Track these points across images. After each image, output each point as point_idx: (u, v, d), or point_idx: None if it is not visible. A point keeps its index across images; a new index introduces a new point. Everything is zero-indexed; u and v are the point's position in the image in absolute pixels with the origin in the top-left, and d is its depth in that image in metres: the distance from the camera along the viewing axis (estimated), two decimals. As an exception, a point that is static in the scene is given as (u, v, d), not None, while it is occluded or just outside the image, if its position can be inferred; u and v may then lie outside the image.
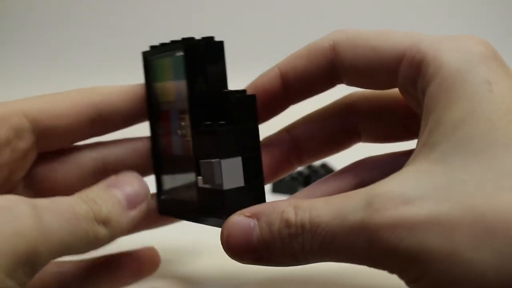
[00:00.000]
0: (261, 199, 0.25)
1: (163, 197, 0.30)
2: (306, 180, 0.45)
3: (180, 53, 0.25)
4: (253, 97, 0.25)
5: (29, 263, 0.19)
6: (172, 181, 0.29)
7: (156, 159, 0.30)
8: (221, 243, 0.23)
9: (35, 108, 0.26)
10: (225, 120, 0.25)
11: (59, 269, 0.28)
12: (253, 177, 0.25)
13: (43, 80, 0.59)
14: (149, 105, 0.28)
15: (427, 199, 0.19)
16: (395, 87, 0.25)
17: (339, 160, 0.32)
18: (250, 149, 0.25)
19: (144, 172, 0.29)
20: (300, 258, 0.22)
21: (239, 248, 0.23)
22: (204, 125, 0.25)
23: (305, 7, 0.69)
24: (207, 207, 0.26)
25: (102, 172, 0.29)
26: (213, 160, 0.24)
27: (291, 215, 0.21)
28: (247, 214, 0.23)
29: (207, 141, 0.25)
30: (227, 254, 0.23)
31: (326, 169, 0.47)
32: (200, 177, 0.25)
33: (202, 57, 0.25)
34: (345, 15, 0.68)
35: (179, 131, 0.27)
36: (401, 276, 0.20)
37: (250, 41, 0.65)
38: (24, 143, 0.26)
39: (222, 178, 0.24)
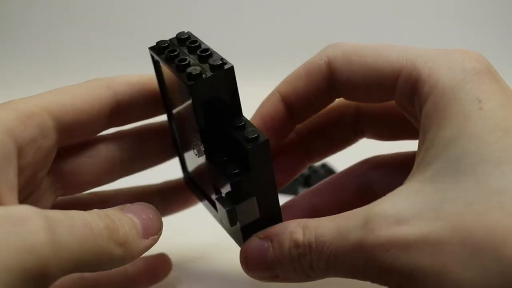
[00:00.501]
0: (278, 221, 0.26)
1: (185, 174, 0.30)
2: (306, 180, 0.45)
3: (187, 89, 0.23)
4: (266, 142, 0.23)
5: (37, 279, 0.18)
6: (192, 166, 0.29)
7: (176, 144, 0.29)
8: (240, 264, 0.25)
9: (57, 105, 0.25)
10: (239, 160, 0.24)
11: (80, 273, 0.28)
12: (269, 208, 0.26)
13: (43, 79, 0.59)
14: (164, 101, 0.27)
15: (419, 219, 0.20)
16: (393, 100, 0.25)
17: (339, 160, 0.32)
18: (265, 189, 0.25)
19: (165, 152, 0.30)
20: (311, 275, 0.23)
21: (256, 268, 0.24)
22: (218, 162, 0.24)
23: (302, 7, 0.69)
24: (224, 223, 0.26)
25: (127, 161, 0.29)
26: (227, 209, 0.24)
27: (299, 236, 0.23)
28: (261, 236, 0.25)
29: (222, 181, 0.24)
30: (247, 274, 0.25)
31: (326, 169, 0.47)
32: (214, 197, 0.26)
33: (210, 92, 0.23)
34: (341, 16, 0.68)
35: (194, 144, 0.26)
36: None
37: (249, 38, 0.65)
38: (48, 141, 0.25)
39: (237, 220, 0.25)
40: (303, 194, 0.31)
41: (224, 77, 0.23)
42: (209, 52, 0.24)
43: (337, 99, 0.28)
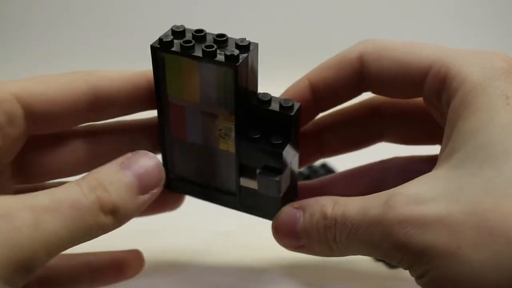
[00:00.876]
0: (296, 192, 0.29)
1: (172, 175, 0.30)
2: (306, 180, 0.45)
3: (220, 66, 0.24)
4: (300, 109, 0.26)
5: (27, 268, 0.20)
6: (184, 163, 0.29)
7: (164, 142, 0.29)
8: (271, 229, 0.27)
9: (28, 92, 0.25)
10: (276, 132, 0.26)
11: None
12: (294, 178, 0.28)
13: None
14: (157, 95, 0.27)
15: (438, 201, 0.20)
16: (420, 96, 0.26)
17: (339, 160, 0.32)
18: (295, 153, 0.27)
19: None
20: (333, 248, 0.24)
21: (286, 235, 0.26)
22: (253, 138, 0.26)
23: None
24: (247, 199, 0.28)
25: (95, 157, 0.28)
26: (276, 179, 0.26)
27: (329, 209, 0.24)
28: (296, 206, 0.26)
29: (264, 156, 0.26)
30: (275, 240, 0.26)
31: (326, 169, 0.47)
32: (244, 179, 0.27)
33: (246, 71, 0.24)
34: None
35: (213, 128, 0.27)
36: (411, 272, 0.22)
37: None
38: (16, 129, 0.25)
39: (281, 190, 0.26)
40: (317, 181, 0.32)
41: (252, 56, 0.25)
42: (225, 37, 0.24)
43: (357, 102, 0.29)
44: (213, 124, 0.27)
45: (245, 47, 0.24)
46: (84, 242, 0.22)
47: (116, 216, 0.22)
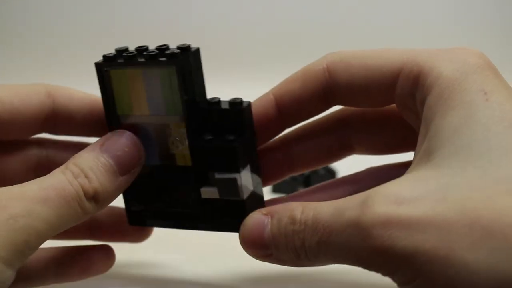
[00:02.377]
0: (263, 203, 0.28)
1: (134, 208, 0.29)
2: (306, 180, 0.45)
3: (162, 68, 0.25)
4: (250, 105, 0.26)
5: (22, 252, 0.22)
6: (143, 191, 0.28)
7: None
8: (239, 238, 0.25)
9: None
10: (227, 132, 0.25)
11: None
12: (257, 178, 0.27)
13: (43, 78, 0.59)
14: (108, 117, 0.27)
15: (422, 200, 0.19)
16: (392, 103, 0.25)
17: (341, 162, 0.32)
18: (253, 155, 0.27)
19: None
20: (301, 256, 0.22)
21: (252, 242, 0.24)
22: (207, 140, 0.25)
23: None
24: (212, 215, 0.27)
25: (45, 167, 0.28)
26: (234, 176, 0.25)
27: (297, 213, 0.22)
28: (264, 212, 0.24)
29: (219, 156, 0.25)
30: (243, 248, 0.25)
31: (327, 169, 0.47)
32: (204, 189, 0.26)
33: (188, 69, 0.25)
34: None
35: (173, 141, 0.26)
36: (394, 277, 0.20)
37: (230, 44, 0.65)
38: None
39: (242, 190, 0.25)
40: (296, 194, 0.30)
41: (194, 57, 0.25)
42: (166, 45, 0.25)
43: (325, 115, 0.28)
44: (167, 136, 0.26)
45: (186, 48, 0.25)
46: (71, 226, 0.24)
47: (97, 200, 0.24)
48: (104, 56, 0.26)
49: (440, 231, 0.18)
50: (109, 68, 0.25)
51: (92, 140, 0.26)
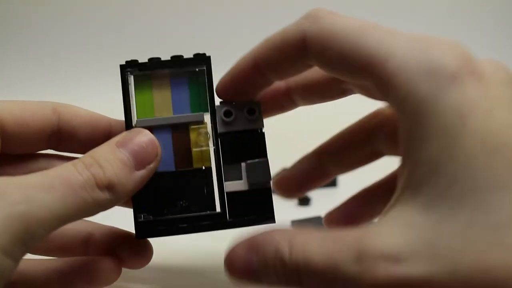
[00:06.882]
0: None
1: (143, 219, 0.28)
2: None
3: (191, 68, 0.28)
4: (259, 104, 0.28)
5: (23, 241, 0.21)
6: (155, 199, 0.28)
7: None
8: (224, 266, 0.23)
9: (10, 114, 0.27)
10: (246, 122, 0.27)
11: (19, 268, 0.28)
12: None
13: (42, 82, 0.59)
14: (127, 120, 0.27)
15: (417, 258, 0.19)
16: None
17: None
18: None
19: None
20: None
21: (240, 276, 0.23)
22: (235, 130, 0.27)
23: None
24: (237, 210, 0.28)
25: None
26: (266, 159, 0.27)
27: (285, 254, 0.21)
28: (247, 243, 0.23)
29: (249, 142, 0.27)
30: (230, 279, 0.23)
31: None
32: (229, 183, 0.27)
33: (211, 69, 0.28)
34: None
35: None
36: None
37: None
38: None
39: (270, 173, 0.27)
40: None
41: (208, 62, 0.28)
42: (180, 55, 0.28)
43: (358, 122, 0.30)
44: (186, 137, 0.28)
45: (203, 55, 0.28)
46: (84, 218, 0.23)
47: (113, 191, 0.23)
48: (126, 61, 0.27)
49: None
50: (133, 71, 0.27)
51: None
